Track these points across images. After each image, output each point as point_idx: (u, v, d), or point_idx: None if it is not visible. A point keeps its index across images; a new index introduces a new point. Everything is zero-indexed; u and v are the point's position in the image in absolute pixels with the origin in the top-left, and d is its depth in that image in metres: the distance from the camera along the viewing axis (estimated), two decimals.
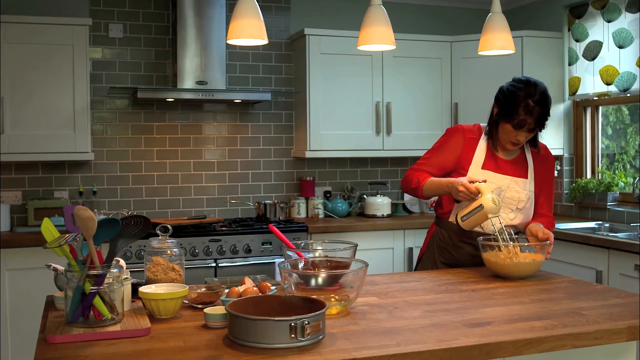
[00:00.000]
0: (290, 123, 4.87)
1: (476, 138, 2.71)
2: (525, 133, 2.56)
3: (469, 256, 2.73)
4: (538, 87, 2.53)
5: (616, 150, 4.67)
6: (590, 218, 4.51)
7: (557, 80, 4.75)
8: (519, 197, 2.64)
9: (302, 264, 2.14)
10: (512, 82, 2.60)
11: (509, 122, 2.55)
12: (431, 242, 2.83)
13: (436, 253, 2.80)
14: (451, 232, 2.74)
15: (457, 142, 2.72)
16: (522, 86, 2.53)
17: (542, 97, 2.52)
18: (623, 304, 2.06)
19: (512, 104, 2.52)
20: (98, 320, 1.74)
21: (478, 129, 2.74)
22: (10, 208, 4.16)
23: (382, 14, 2.45)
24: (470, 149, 2.69)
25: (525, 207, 2.66)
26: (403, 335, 1.72)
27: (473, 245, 2.70)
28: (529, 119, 2.51)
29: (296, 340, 1.58)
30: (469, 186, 2.46)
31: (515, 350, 1.68)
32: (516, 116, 2.52)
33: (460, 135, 2.72)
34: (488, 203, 2.44)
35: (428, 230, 2.92)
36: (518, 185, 2.66)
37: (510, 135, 2.58)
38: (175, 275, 2.12)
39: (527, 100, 2.50)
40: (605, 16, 4.42)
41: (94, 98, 4.39)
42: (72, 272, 1.73)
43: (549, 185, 2.77)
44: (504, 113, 2.56)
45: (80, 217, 1.66)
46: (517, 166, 2.70)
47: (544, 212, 2.75)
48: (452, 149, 2.72)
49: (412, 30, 5.03)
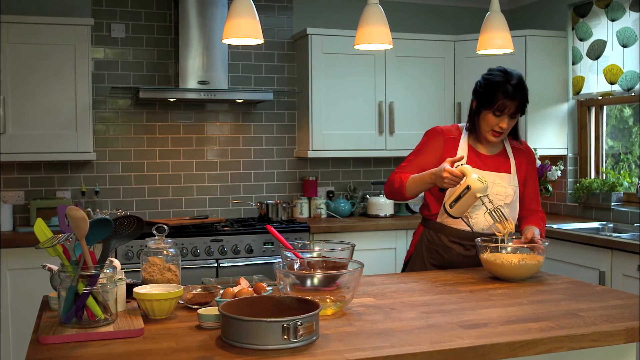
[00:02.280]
0: (292, 123, 4.86)
1: (456, 138, 2.71)
2: (507, 119, 2.58)
3: (459, 257, 2.71)
4: (514, 74, 2.60)
5: (621, 150, 4.63)
6: (594, 218, 4.48)
7: (560, 80, 4.72)
8: (506, 192, 2.64)
9: (298, 264, 2.12)
10: (487, 72, 2.66)
11: (489, 109, 2.58)
12: (419, 244, 2.81)
13: (425, 255, 2.77)
14: (440, 233, 2.72)
15: (437, 143, 2.71)
16: (498, 73, 2.60)
17: (519, 81, 2.58)
18: (622, 305, 2.04)
19: (491, 91, 2.57)
20: (91, 321, 1.73)
21: (457, 129, 2.75)
22: (13, 208, 4.17)
23: (379, 13, 2.43)
24: (452, 149, 2.69)
25: (512, 201, 2.67)
26: (398, 336, 1.70)
27: (462, 245, 2.68)
28: (508, 101, 2.54)
29: (288, 342, 1.57)
30: (452, 170, 2.42)
31: (510, 352, 1.66)
32: (496, 101, 2.55)
33: (440, 136, 2.72)
34: (475, 183, 2.39)
35: (414, 232, 2.90)
36: (503, 181, 2.66)
37: (492, 123, 2.59)
38: (172, 275, 2.11)
39: (505, 85, 2.55)
40: (609, 15, 4.39)
41: (97, 98, 4.39)
42: (65, 273, 1.72)
43: (533, 179, 2.79)
44: (484, 101, 2.59)
45: (72, 217, 1.66)
46: (500, 161, 2.70)
47: (535, 207, 2.77)
48: (433, 150, 2.71)
49: (414, 30, 5.01)
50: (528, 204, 2.76)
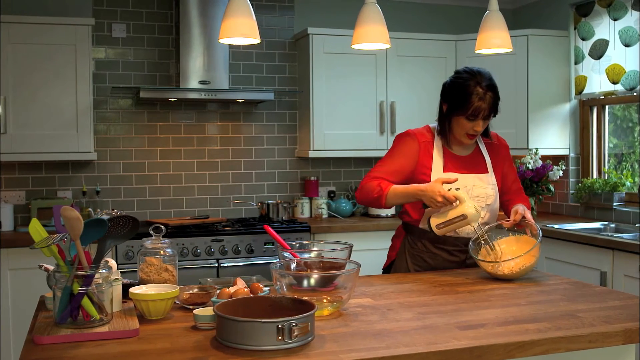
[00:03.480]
0: (294, 123, 4.86)
1: (430, 141, 2.64)
2: (482, 122, 2.53)
3: (445, 262, 2.66)
4: (483, 74, 2.52)
5: (624, 150, 4.61)
6: (596, 218, 4.46)
7: (563, 79, 4.70)
8: (486, 192, 2.61)
9: (295, 264, 2.12)
10: (455, 74, 2.59)
11: (462, 114, 2.51)
12: (401, 250, 2.74)
13: (409, 261, 2.71)
14: (424, 240, 2.66)
15: (412, 147, 2.62)
16: (468, 76, 2.52)
17: (490, 81, 2.52)
18: (621, 306, 2.02)
19: (462, 95, 2.50)
20: (86, 321, 1.73)
21: (429, 131, 2.68)
22: (14, 208, 4.17)
23: (376, 12, 2.42)
24: (427, 153, 2.61)
25: (493, 201, 2.64)
26: (393, 337, 1.69)
27: (448, 251, 2.65)
28: (482, 104, 2.49)
29: (283, 342, 1.57)
30: (448, 195, 2.38)
31: (507, 354, 1.65)
32: (470, 106, 2.49)
33: (413, 140, 2.63)
34: (471, 211, 2.39)
35: (394, 237, 2.83)
36: (482, 181, 2.62)
37: (466, 127, 2.54)
38: (169, 275, 2.11)
39: (476, 88, 2.49)
40: (611, 14, 4.37)
41: (98, 98, 4.39)
42: (60, 273, 1.72)
43: (512, 170, 2.76)
44: (456, 106, 2.53)
45: (66, 217, 1.65)
46: (476, 162, 2.66)
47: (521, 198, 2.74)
48: (407, 154, 2.62)
49: (416, 29, 4.99)
50: (512, 195, 2.73)
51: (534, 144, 4.61)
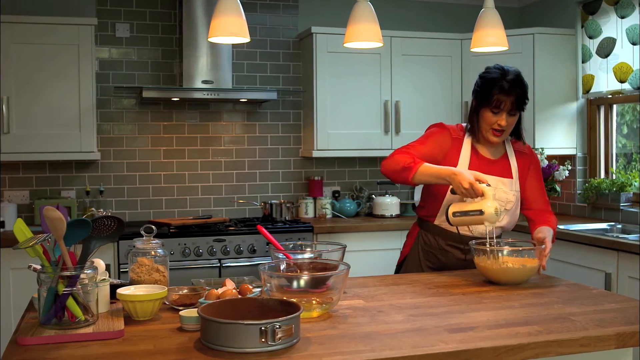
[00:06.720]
0: (298, 122, 4.84)
1: (460, 139, 2.65)
2: (506, 116, 2.52)
3: (457, 260, 2.66)
4: (511, 70, 2.55)
5: (633, 150, 4.55)
6: (603, 219, 4.40)
7: (570, 78, 4.65)
8: (507, 197, 2.58)
9: (285, 265, 2.10)
10: (485, 69, 2.62)
11: (487, 106, 2.54)
12: (415, 245, 2.75)
13: (421, 257, 2.72)
14: (437, 236, 2.68)
15: (445, 138, 2.64)
16: (495, 70, 2.56)
17: (516, 77, 2.53)
18: (617, 309, 1.98)
19: (487, 88, 2.53)
20: (71, 322, 1.72)
21: (461, 129, 2.69)
22: (18, 207, 4.19)
23: (368, 11, 2.39)
24: (456, 149, 2.63)
25: (513, 207, 2.61)
26: (380, 340, 1.67)
27: (460, 249, 2.63)
28: (503, 97, 2.50)
29: (266, 345, 1.55)
30: (477, 186, 2.35)
31: (495, 357, 1.62)
32: (492, 98, 2.51)
33: (447, 132, 2.65)
34: (490, 211, 2.34)
35: (409, 233, 2.84)
36: (505, 186, 2.60)
37: (491, 120, 2.54)
38: (159, 276, 2.09)
39: (501, 82, 2.51)
40: (618, 12, 4.31)
41: (101, 98, 4.40)
42: (45, 273, 1.71)
43: (539, 184, 2.71)
44: (481, 99, 2.56)
45: (48, 217, 1.64)
46: (502, 166, 2.64)
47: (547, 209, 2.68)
48: (440, 144, 2.63)
49: (421, 28, 4.95)
50: (536, 205, 2.67)
51: (540, 144, 4.56)
